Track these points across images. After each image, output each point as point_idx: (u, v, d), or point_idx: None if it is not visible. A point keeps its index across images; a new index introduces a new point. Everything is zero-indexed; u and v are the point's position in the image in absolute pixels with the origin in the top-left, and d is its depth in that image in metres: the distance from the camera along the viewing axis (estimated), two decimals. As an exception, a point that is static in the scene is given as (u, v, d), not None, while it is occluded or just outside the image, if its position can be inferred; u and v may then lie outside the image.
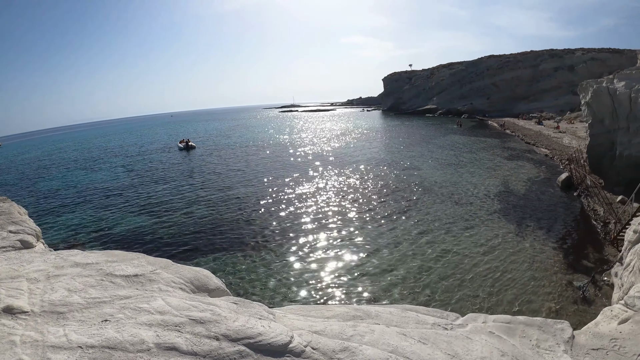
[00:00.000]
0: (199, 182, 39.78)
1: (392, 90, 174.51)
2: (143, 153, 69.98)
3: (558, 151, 47.67)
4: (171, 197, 34.24)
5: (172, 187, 38.05)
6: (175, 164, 53.71)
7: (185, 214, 28.71)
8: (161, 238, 24.18)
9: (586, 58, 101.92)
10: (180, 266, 6.73)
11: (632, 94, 27.10)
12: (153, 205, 31.74)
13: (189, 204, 31.57)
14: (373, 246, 21.64)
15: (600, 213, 24.91)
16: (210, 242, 23.23)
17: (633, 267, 11.95)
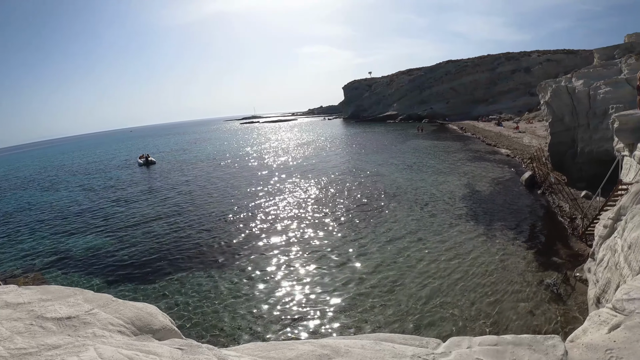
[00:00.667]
0: (159, 199, 38.37)
1: (353, 98, 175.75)
2: (102, 170, 67.49)
3: (519, 151, 48.45)
4: (131, 215, 32.80)
5: (131, 205, 36.58)
6: (135, 181, 51.85)
7: (146, 233, 27.46)
8: (121, 260, 22.88)
9: (542, 59, 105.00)
10: (121, 303, 5.97)
11: (590, 92, 27.69)
12: (112, 225, 30.28)
13: (149, 222, 30.27)
14: (341, 260, 20.70)
15: (566, 209, 25.16)
16: (170, 262, 22.04)
17: (608, 263, 11.78)
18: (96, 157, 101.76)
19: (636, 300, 5.91)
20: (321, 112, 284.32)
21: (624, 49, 32.11)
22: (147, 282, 19.40)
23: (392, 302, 16.01)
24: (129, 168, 67.29)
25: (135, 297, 17.57)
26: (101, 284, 19.58)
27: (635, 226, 9.70)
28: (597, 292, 12.12)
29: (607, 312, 6.00)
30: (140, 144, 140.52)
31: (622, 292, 6.20)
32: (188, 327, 14.94)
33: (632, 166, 17.75)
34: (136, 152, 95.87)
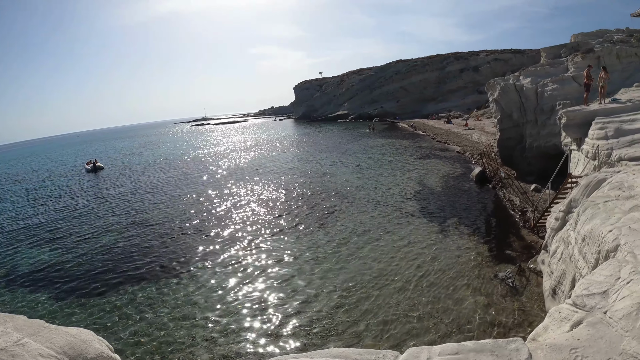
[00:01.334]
0: (108, 207, 36.71)
1: (304, 98, 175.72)
2: (48, 178, 63.66)
3: (469, 147, 49.57)
4: (79, 226, 30.95)
5: (79, 215, 34.59)
6: (83, 188, 49.29)
7: (94, 245, 26.01)
8: (69, 274, 21.45)
9: (490, 59, 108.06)
10: (53, 329, 5.43)
11: (538, 89, 28.56)
12: (59, 237, 28.44)
13: (98, 232, 28.70)
14: (295, 264, 20.09)
15: (517, 202, 25.71)
16: (120, 274, 20.87)
17: (562, 255, 12.00)
18: (42, 163, 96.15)
19: (596, 296, 5.96)
20: (272, 113, 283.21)
21: (570, 48, 33.27)
22: (95, 297, 18.32)
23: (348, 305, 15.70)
24: (77, 175, 64.08)
25: (82, 315, 16.68)
26: (48, 300, 18.43)
27: (588, 219, 9.92)
28: (552, 284, 12.38)
29: (567, 308, 5.97)
30: (88, 149, 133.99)
31: (582, 288, 6.07)
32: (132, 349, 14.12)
33: (580, 160, 18.36)
34: (84, 157, 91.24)
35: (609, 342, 4.76)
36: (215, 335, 14.45)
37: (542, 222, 19.91)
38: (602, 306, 5.53)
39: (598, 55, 27.73)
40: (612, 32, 33.79)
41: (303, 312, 15.53)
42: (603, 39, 30.50)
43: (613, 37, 30.43)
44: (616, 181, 11.65)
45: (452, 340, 12.71)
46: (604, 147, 15.71)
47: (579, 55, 28.85)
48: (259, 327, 14.75)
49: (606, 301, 5.63)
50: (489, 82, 37.23)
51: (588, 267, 8.92)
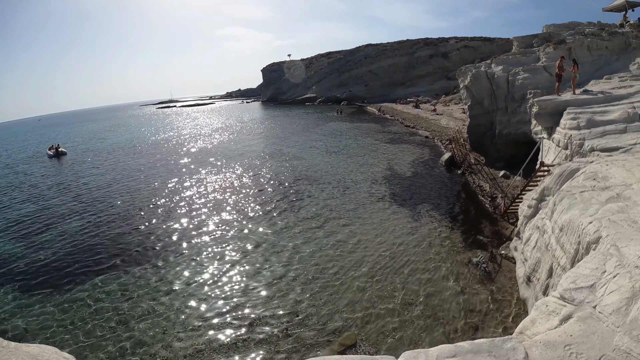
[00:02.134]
0: (72, 195, 35.14)
1: (271, 80, 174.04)
2: (8, 165, 60.38)
3: (437, 132, 49.93)
4: (41, 215, 29.54)
5: (41, 203, 33.03)
6: (45, 175, 46.99)
7: (58, 234, 24.88)
8: (32, 267, 20.43)
9: (459, 46, 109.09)
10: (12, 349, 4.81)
11: (509, 77, 28.88)
12: (21, 227, 27.10)
13: (62, 221, 27.49)
14: (262, 256, 19.31)
15: (486, 189, 26.01)
16: (85, 265, 20.01)
17: (536, 243, 12.24)
18: (2, 149, 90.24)
19: (584, 289, 5.99)
20: (240, 95, 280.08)
21: (542, 38, 33.68)
22: (61, 291, 17.46)
23: (316, 295, 15.49)
24: (39, 161, 61.10)
25: (47, 311, 15.90)
26: (11, 295, 17.49)
27: (565, 209, 10.03)
28: (526, 271, 12.56)
29: (554, 301, 6.09)
30: (50, 134, 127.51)
31: (569, 281, 6.04)
32: (99, 348, 13.68)
33: (551, 148, 18.66)
34: (46, 142, 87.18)
35: (602, 338, 4.79)
36: (183, 330, 14.18)
37: (513, 209, 20.24)
38: (590, 300, 5.57)
39: (570, 47, 28.16)
40: (584, 24, 34.30)
41: (272, 305, 15.23)
42: (575, 31, 30.92)
43: (585, 30, 30.85)
44: (590, 171, 11.82)
45: (427, 329, 12.86)
46: (577, 137, 15.98)
47: (550, 45, 29.24)
48: (226, 322, 14.44)
49: (594, 295, 5.67)
50: (460, 68, 37.44)
51: (567, 257, 9.04)
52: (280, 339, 12.95)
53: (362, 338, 12.69)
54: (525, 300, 12.39)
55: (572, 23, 35.34)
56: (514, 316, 12.92)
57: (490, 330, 12.49)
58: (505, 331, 12.21)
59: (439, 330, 12.75)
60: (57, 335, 14.27)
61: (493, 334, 12.24)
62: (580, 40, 28.53)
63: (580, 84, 22.33)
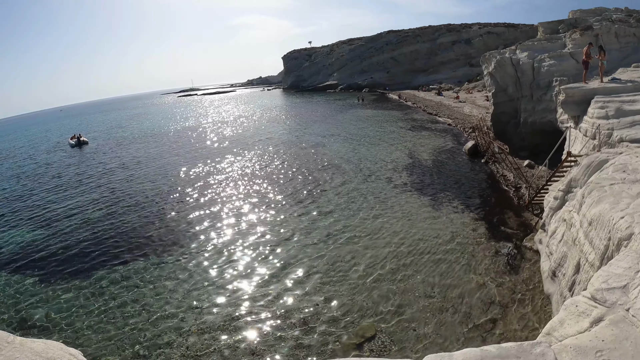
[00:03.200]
0: (94, 183, 35.71)
1: (292, 68, 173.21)
2: (32, 155, 61.69)
3: (460, 120, 49.20)
4: (64, 204, 30.01)
5: (64, 192, 33.59)
6: (67, 164, 47.63)
7: (80, 222, 25.35)
8: (54, 254, 20.87)
9: (482, 32, 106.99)
10: (18, 345, 4.70)
11: (535, 64, 28.18)
12: (44, 215, 27.64)
13: (84, 210, 27.90)
14: (286, 246, 19.29)
15: (510, 178, 25.59)
16: (105, 254, 20.32)
17: (563, 237, 11.98)
18: (25, 140, 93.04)
19: (616, 290, 5.67)
20: (260, 83, 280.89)
21: (568, 24, 32.88)
22: (81, 280, 17.76)
23: (341, 290, 15.26)
24: (61, 150, 62.33)
25: (65, 298, 16.25)
26: (34, 282, 17.95)
27: (594, 202, 9.72)
28: (551, 265, 12.27)
29: (584, 301, 5.80)
30: (73, 124, 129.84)
31: (600, 281, 5.66)
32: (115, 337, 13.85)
33: (578, 138, 18.22)
34: (68, 132, 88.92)
35: (635, 344, 4.56)
36: (204, 321, 14.26)
37: (537, 200, 19.87)
38: (623, 302, 5.30)
39: (596, 33, 27.39)
40: (611, 10, 33.37)
41: (292, 295, 15.19)
42: (602, 17, 30.13)
43: (612, 16, 30.04)
44: (620, 163, 11.50)
45: (447, 323, 12.71)
46: (605, 126, 15.56)
47: (577, 32, 28.45)
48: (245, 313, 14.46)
49: (627, 296, 5.40)
50: (484, 55, 36.77)
51: (596, 252, 8.80)
52: (299, 330, 12.97)
53: (382, 330, 12.62)
54: (550, 295, 12.15)
55: (598, 9, 34.43)
56: (537, 312, 12.65)
57: (512, 326, 12.25)
58: (527, 328, 12.02)
59: (458, 324, 12.58)
60: (74, 324, 14.53)
61: (515, 330, 12.04)
62: (608, 27, 27.76)
63: (607, 71, 21.73)
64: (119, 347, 13.00)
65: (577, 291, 9.16)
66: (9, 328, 13.88)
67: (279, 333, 12.91)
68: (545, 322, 6.46)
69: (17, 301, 16.52)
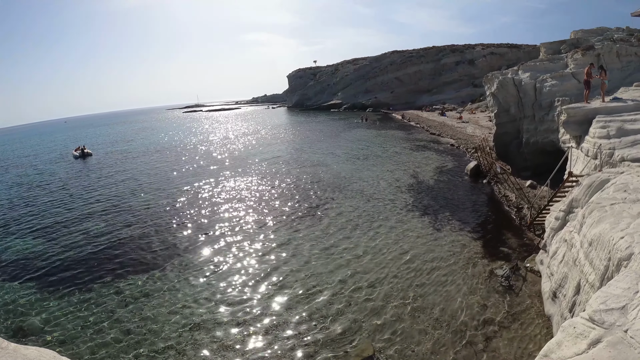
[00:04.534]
0: (96, 194, 35.90)
1: (297, 86, 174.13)
2: (35, 165, 62.22)
3: (463, 140, 49.23)
4: (65, 214, 30.18)
5: (66, 203, 33.78)
6: (70, 176, 47.90)
7: (81, 233, 25.36)
8: (54, 264, 20.87)
9: (486, 52, 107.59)
10: (11, 351, 4.71)
11: (537, 84, 28.19)
12: (46, 225, 27.68)
13: (85, 221, 28.00)
14: (285, 263, 19.26)
15: (512, 199, 25.44)
16: (106, 265, 20.31)
17: (564, 257, 11.85)
18: (30, 150, 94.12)
19: (614, 311, 5.58)
20: (265, 101, 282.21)
21: (570, 44, 32.91)
22: (82, 289, 17.81)
23: (339, 308, 15.17)
24: (64, 161, 62.91)
25: (64, 308, 16.25)
26: (31, 290, 17.92)
27: (595, 222, 9.59)
28: (552, 286, 12.07)
29: (582, 322, 5.70)
30: (76, 135, 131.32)
31: (599, 302, 5.85)
32: (114, 347, 13.80)
33: (580, 158, 18.10)
34: (72, 144, 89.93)
35: (633, 366, 4.40)
36: (205, 336, 14.03)
37: (539, 220, 19.68)
38: (621, 323, 5.15)
39: (598, 53, 27.39)
40: (613, 30, 33.40)
41: (290, 313, 15.06)
42: (603, 37, 30.13)
43: (613, 36, 30.04)
44: (621, 183, 11.37)
45: (446, 344, 12.49)
46: (606, 146, 15.44)
47: (579, 52, 28.46)
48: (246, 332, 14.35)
49: (625, 317, 5.25)
50: (486, 75, 36.85)
51: (596, 273, 8.62)
52: (297, 348, 12.77)
53: (379, 349, 12.40)
54: (550, 316, 11.94)
55: (600, 28, 34.47)
56: (537, 333, 12.42)
57: (512, 347, 12.02)
58: (527, 350, 11.78)
59: (457, 345, 12.34)
60: (68, 333, 14.42)
61: (514, 351, 11.82)
62: (609, 46, 27.75)
63: (609, 91, 21.66)
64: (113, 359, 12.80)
65: (577, 312, 8.98)
66: (3, 334, 13.79)
67: (275, 349, 12.75)
68: (545, 344, 6.24)
69: (14, 308, 16.47)
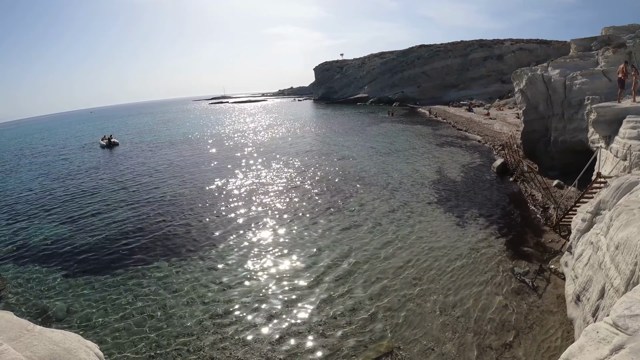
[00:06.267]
0: (122, 183, 36.71)
1: (324, 79, 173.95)
2: (64, 153, 63.90)
3: (490, 137, 48.61)
4: (92, 201, 31.00)
5: (92, 190, 34.66)
6: (96, 164, 49.17)
7: (107, 220, 25.99)
8: (81, 250, 21.40)
9: (514, 48, 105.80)
10: (37, 334, 4.84)
11: (566, 82, 27.67)
12: (73, 212, 28.40)
13: (111, 208, 28.68)
14: (310, 256, 19.33)
15: (539, 198, 25.12)
16: (130, 252, 20.84)
17: (589, 260, 11.71)
18: (58, 139, 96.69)
19: (639, 317, 5.45)
20: (291, 93, 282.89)
21: (600, 41, 32.15)
22: (107, 275, 18.31)
23: (360, 304, 15.14)
24: (92, 150, 64.59)
25: (89, 293, 16.75)
26: (57, 275, 18.54)
27: (622, 225, 9.44)
28: (576, 289, 11.94)
29: (606, 327, 5.61)
30: (102, 125, 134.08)
31: (623, 307, 5.84)
32: (135, 334, 14.19)
33: (609, 158, 17.78)
34: (99, 133, 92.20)
35: (655, 374, 4.37)
36: (225, 326, 14.29)
37: (565, 221, 19.40)
38: (645, 330, 5.11)
39: (630, 51, 26.69)
40: (645, 27, 32.61)
41: (309, 307, 15.19)
42: (635, 34, 29.34)
43: (646, 33, 29.31)
44: (651, 186, 11.18)
45: (465, 344, 12.45)
46: (636, 147, 15.15)
47: (610, 49, 27.79)
48: (267, 322, 14.55)
49: (650, 325, 5.21)
50: (515, 71, 36.30)
51: (621, 277, 8.51)
52: (314, 342, 12.92)
53: (399, 346, 12.43)
54: (573, 320, 11.80)
55: (632, 25, 33.52)
56: (559, 337, 12.30)
57: (531, 350, 11.94)
58: (548, 352, 11.69)
59: (478, 346, 12.29)
60: (92, 317, 14.91)
61: (534, 354, 11.73)
62: (641, 44, 27.13)
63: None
64: (136, 345, 13.21)
65: (601, 317, 8.89)
66: (29, 317, 14.29)
67: (295, 342, 12.94)
68: (566, 347, 6.21)
69: (40, 292, 17.10)
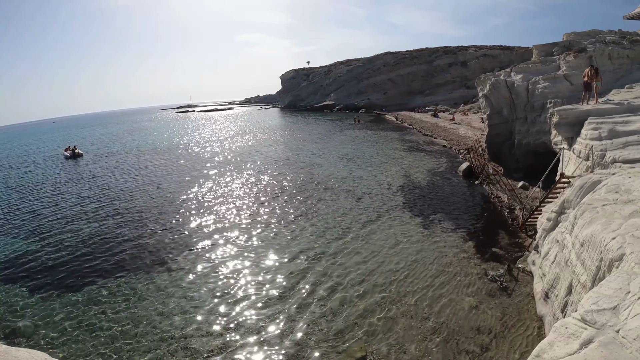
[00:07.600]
0: (87, 195, 35.60)
1: (290, 87, 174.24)
2: (25, 165, 61.73)
3: (456, 142, 49.40)
4: (56, 214, 29.94)
5: (56, 203, 33.46)
6: (61, 176, 47.57)
7: (72, 234, 25.16)
8: (45, 265, 20.68)
9: (478, 54, 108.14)
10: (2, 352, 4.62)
11: (529, 86, 28.30)
12: (36, 225, 27.51)
13: (76, 221, 27.87)
14: (275, 266, 19.05)
15: (505, 200, 25.56)
16: (97, 266, 20.16)
17: (555, 258, 11.90)
18: (19, 150, 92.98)
19: (606, 311, 5.61)
20: (258, 101, 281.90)
21: (562, 46, 33.00)
22: (75, 290, 17.66)
23: (331, 309, 15.06)
24: (55, 161, 62.52)
25: (58, 310, 16.09)
26: (22, 292, 17.80)
27: (587, 223, 9.61)
28: (544, 287, 12.11)
29: (574, 323, 5.74)
30: (66, 136, 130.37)
31: (590, 302, 5.98)
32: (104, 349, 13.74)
33: (572, 159, 18.17)
34: (61, 144, 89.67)
35: (625, 366, 4.40)
36: (190, 337, 14.01)
37: (531, 221, 19.75)
38: (613, 323, 5.17)
39: (590, 55, 27.51)
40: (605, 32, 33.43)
41: (281, 313, 15.04)
42: (595, 40, 30.16)
43: (605, 38, 30.07)
44: (612, 184, 11.41)
45: (439, 345, 12.47)
46: (598, 147, 15.50)
47: (571, 54, 28.59)
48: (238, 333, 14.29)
49: (617, 318, 5.27)
50: (479, 77, 36.93)
51: (588, 274, 8.65)
52: (288, 348, 12.72)
53: (372, 351, 12.37)
54: (543, 317, 11.96)
55: (592, 31, 34.55)
56: (529, 334, 12.44)
57: (504, 349, 12.02)
58: (518, 350, 11.79)
59: (450, 348, 12.32)
60: (60, 334, 14.33)
61: (507, 353, 11.82)
62: (601, 49, 27.86)
63: (601, 93, 21.78)
64: None
65: (569, 313, 9.01)
66: None
67: (269, 350, 12.70)
68: (537, 344, 6.24)
69: (4, 310, 16.34)
